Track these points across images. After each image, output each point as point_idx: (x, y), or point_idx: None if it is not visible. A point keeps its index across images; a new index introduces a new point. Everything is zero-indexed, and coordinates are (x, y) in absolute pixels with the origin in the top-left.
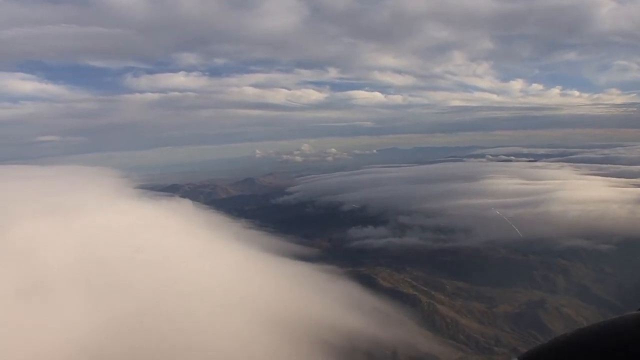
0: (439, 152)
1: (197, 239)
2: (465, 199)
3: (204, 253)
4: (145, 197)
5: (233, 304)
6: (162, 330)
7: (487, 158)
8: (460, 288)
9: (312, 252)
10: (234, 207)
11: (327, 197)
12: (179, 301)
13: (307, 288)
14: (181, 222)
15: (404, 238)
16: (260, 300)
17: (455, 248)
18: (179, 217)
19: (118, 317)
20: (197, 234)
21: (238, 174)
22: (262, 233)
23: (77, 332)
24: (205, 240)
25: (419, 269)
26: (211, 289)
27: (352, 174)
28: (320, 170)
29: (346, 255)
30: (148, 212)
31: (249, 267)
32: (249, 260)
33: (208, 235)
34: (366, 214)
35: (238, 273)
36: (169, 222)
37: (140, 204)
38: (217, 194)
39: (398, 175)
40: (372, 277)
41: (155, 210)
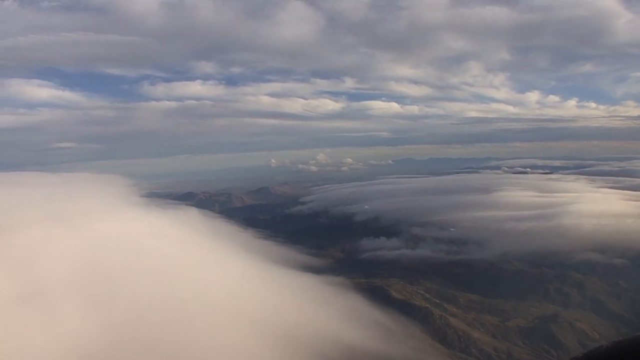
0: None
1: (202, 248)
2: (479, 211)
3: (208, 263)
4: (154, 205)
5: (234, 316)
6: (160, 341)
7: (502, 170)
8: (473, 301)
9: (323, 262)
10: (248, 216)
11: (341, 208)
12: (179, 312)
13: (314, 301)
14: (188, 231)
15: (417, 250)
16: (263, 312)
17: (469, 260)
18: (186, 226)
19: (117, 326)
20: (202, 243)
21: (253, 182)
22: (272, 243)
23: (75, 341)
24: (211, 250)
25: (432, 281)
26: (212, 300)
27: (367, 184)
28: (336, 180)
29: (358, 266)
30: (154, 221)
31: (254, 279)
32: (254, 271)
33: (214, 245)
34: (379, 225)
35: (241, 284)
36: (175, 232)
37: (146, 213)
38: (232, 203)
39: (413, 186)
40: (385, 289)
41: (162, 219)
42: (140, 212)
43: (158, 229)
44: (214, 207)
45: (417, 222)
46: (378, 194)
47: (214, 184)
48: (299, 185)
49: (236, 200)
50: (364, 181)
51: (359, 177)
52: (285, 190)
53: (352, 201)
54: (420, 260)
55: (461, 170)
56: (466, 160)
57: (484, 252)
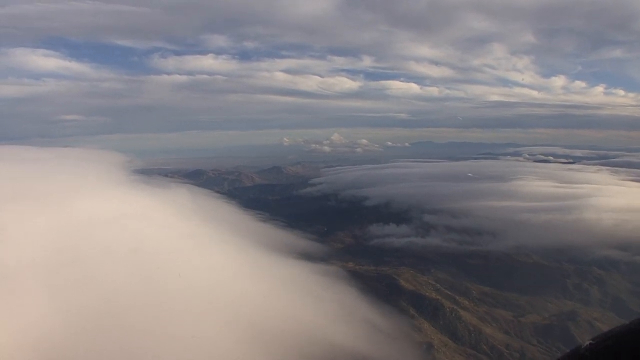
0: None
1: (188, 232)
2: (495, 201)
3: (191, 248)
4: (149, 184)
5: (211, 307)
6: (128, 330)
7: (523, 157)
8: (487, 294)
9: (328, 249)
10: (258, 196)
11: (351, 191)
12: (153, 299)
13: (303, 293)
14: (177, 213)
15: (428, 238)
16: (243, 304)
17: (483, 252)
18: (177, 207)
19: (86, 314)
20: (190, 226)
21: (265, 161)
22: (272, 227)
23: (37, 330)
24: (198, 234)
25: (444, 272)
26: (190, 288)
27: (380, 167)
28: (349, 161)
29: (366, 253)
30: (142, 201)
31: (240, 267)
32: (242, 258)
33: (204, 228)
34: (390, 211)
35: (225, 272)
36: (162, 213)
37: (136, 192)
38: (242, 182)
39: (428, 171)
40: (394, 278)
41: (152, 199)
42: (128, 191)
43: (144, 210)
44: (223, 185)
45: (430, 210)
46: (391, 178)
47: (224, 161)
48: (312, 166)
49: (246, 180)
50: (379, 164)
51: (374, 159)
52: (297, 171)
53: (364, 185)
54: (431, 249)
55: (480, 156)
56: (487, 146)
57: (498, 244)
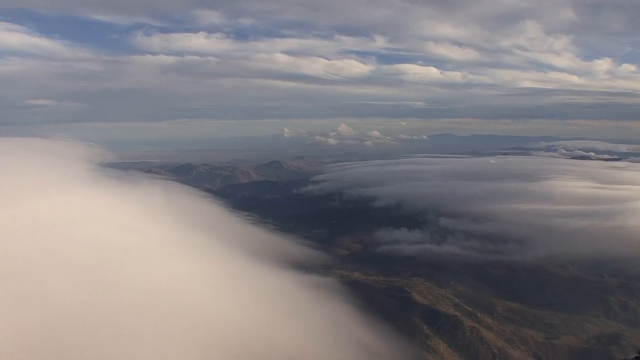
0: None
1: (160, 238)
2: (523, 203)
3: (157, 256)
4: (124, 180)
5: (180, 328)
6: (72, 351)
7: (559, 152)
8: (514, 311)
9: (330, 256)
10: (253, 195)
11: (357, 190)
12: (106, 316)
13: (286, 309)
14: (151, 215)
15: (444, 245)
16: (213, 324)
17: (509, 262)
18: (151, 208)
19: (24, 332)
20: (164, 231)
21: (263, 155)
22: (268, 230)
23: None
24: (172, 240)
25: (464, 284)
26: (150, 303)
27: (392, 162)
28: (357, 156)
29: (374, 261)
30: (107, 201)
31: (221, 279)
32: (226, 268)
33: (181, 233)
34: (401, 213)
35: (201, 286)
36: (131, 215)
37: (103, 190)
38: (237, 178)
39: (446, 168)
40: (406, 291)
41: (119, 199)
42: (93, 189)
43: (105, 212)
44: (214, 182)
45: (447, 212)
46: (404, 176)
47: (217, 155)
48: (315, 161)
49: (241, 175)
50: (390, 159)
51: (385, 153)
52: (299, 166)
53: (373, 182)
54: (447, 258)
55: (508, 151)
56: (516, 139)
57: (526, 253)
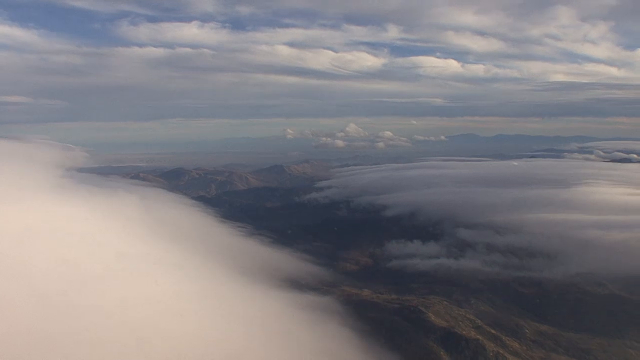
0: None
1: (134, 252)
2: (553, 212)
3: (127, 274)
4: (101, 186)
5: (151, 355)
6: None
7: (595, 154)
8: (544, 334)
9: (333, 272)
10: (252, 203)
11: (367, 197)
12: (65, 343)
13: (275, 335)
14: (122, 227)
15: (462, 260)
16: (187, 352)
17: (538, 279)
18: (124, 219)
19: None
20: (133, 245)
21: (263, 158)
22: (263, 243)
23: None
24: (142, 256)
25: (487, 303)
26: (121, 330)
27: (406, 167)
28: (368, 159)
29: (383, 278)
30: (72, 212)
31: (198, 301)
32: (204, 288)
33: (155, 247)
34: (415, 224)
35: (176, 309)
36: (97, 228)
37: (70, 199)
38: (233, 184)
39: (467, 173)
40: (421, 311)
41: (87, 209)
42: (59, 198)
43: (70, 225)
44: (208, 188)
45: (466, 223)
46: (419, 181)
47: (212, 158)
48: (321, 165)
49: (239, 181)
50: (405, 162)
51: (399, 156)
52: (303, 170)
53: (384, 189)
54: (467, 274)
55: (537, 153)
56: (546, 140)
57: (556, 269)
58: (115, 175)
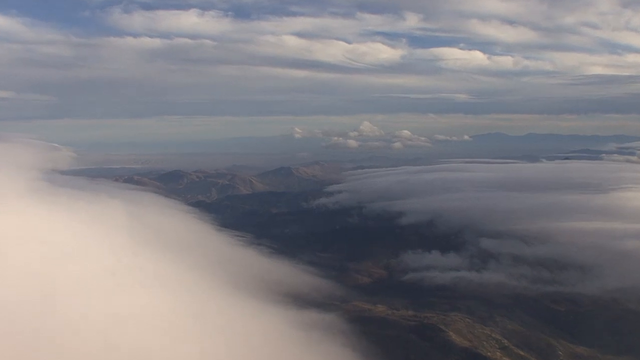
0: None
1: (114, 264)
2: (588, 220)
3: (108, 291)
4: (86, 191)
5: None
6: None
7: (638, 156)
8: (580, 356)
9: (342, 286)
10: (256, 209)
11: (381, 203)
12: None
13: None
14: (104, 238)
15: (485, 272)
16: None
17: (571, 294)
18: (107, 229)
19: None
20: (118, 258)
21: (269, 160)
22: (264, 254)
23: None
24: (132, 268)
25: (514, 321)
26: (97, 351)
27: (425, 169)
28: (384, 161)
29: (399, 292)
30: (50, 220)
31: (183, 318)
32: (194, 305)
33: (147, 259)
34: (434, 232)
35: (158, 328)
36: (76, 239)
37: (49, 206)
38: (237, 188)
39: (493, 176)
40: (441, 329)
41: (66, 218)
42: (35, 204)
43: (45, 235)
44: (209, 193)
45: (490, 231)
46: (439, 186)
47: (213, 159)
48: (332, 167)
49: (242, 185)
50: (424, 165)
51: (418, 158)
52: (312, 173)
53: (400, 194)
54: (491, 288)
55: (571, 154)
56: (582, 139)
57: (591, 283)
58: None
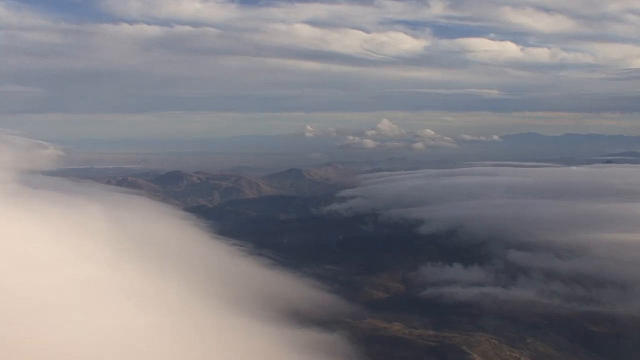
0: (607, 144)
1: (90, 277)
2: (631, 232)
3: (88, 305)
4: (70, 193)
5: None
6: None
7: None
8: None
9: (353, 302)
10: (263, 215)
11: (398, 210)
12: None
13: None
14: (89, 245)
15: (514, 289)
16: None
17: (611, 314)
18: (88, 237)
19: None
20: (98, 267)
21: (278, 161)
22: (266, 265)
23: None
24: (110, 281)
25: (546, 343)
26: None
27: (449, 173)
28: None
29: (417, 308)
30: (21, 226)
31: (167, 338)
32: (179, 322)
33: (128, 271)
34: (457, 243)
35: (135, 350)
36: (54, 247)
37: (21, 211)
38: (242, 192)
39: (523, 181)
40: (464, 351)
41: (45, 223)
42: (6, 209)
43: (14, 243)
44: (211, 196)
45: (519, 243)
46: (464, 192)
47: (216, 160)
48: (347, 170)
49: (248, 188)
50: (448, 168)
51: (442, 160)
52: (326, 176)
53: (420, 200)
54: (520, 306)
55: (614, 157)
56: (626, 140)
57: (633, 303)
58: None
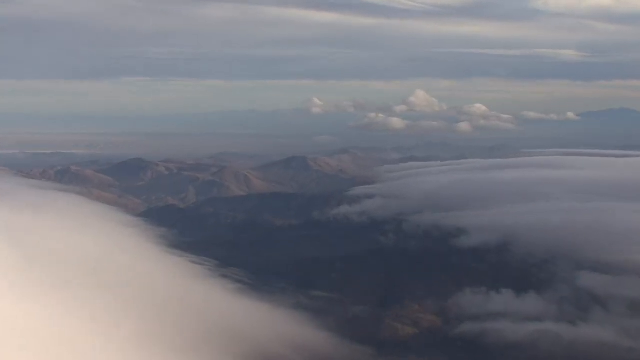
0: None
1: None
2: None
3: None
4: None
5: None
6: None
7: None
8: None
9: (369, 340)
10: (253, 219)
11: (430, 215)
12: None
13: None
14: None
15: (584, 325)
16: None
17: None
18: None
19: None
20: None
21: (275, 146)
22: (236, 290)
23: None
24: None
25: None
26: None
27: (501, 165)
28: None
29: (444, 349)
30: None
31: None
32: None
33: (29, 300)
34: (506, 261)
35: None
36: None
37: None
38: (225, 187)
39: (604, 177)
40: None
41: None
42: None
43: None
44: (184, 193)
45: (594, 263)
46: (518, 191)
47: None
48: (368, 158)
49: (234, 182)
50: (502, 157)
51: (496, 146)
52: (339, 166)
53: (460, 202)
54: (594, 350)
55: None
56: None
57: None
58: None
